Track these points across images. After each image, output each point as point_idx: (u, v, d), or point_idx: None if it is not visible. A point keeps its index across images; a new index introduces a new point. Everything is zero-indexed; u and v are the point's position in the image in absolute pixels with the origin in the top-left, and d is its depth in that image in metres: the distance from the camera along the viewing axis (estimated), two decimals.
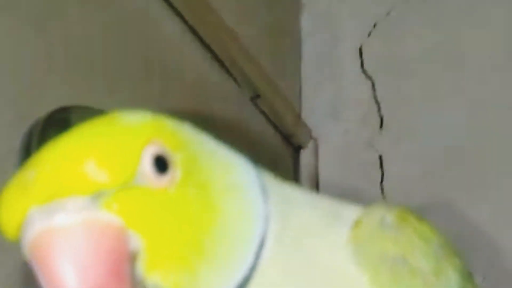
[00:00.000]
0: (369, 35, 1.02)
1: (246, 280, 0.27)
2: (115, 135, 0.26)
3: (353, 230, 0.30)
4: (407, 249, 0.30)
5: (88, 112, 0.57)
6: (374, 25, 1.02)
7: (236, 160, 0.29)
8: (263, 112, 0.96)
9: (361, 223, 0.30)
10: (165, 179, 0.26)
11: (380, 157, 0.98)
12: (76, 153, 0.25)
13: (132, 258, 0.25)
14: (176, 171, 0.26)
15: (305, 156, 1.03)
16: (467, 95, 0.95)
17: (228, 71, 0.90)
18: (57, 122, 0.54)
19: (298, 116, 1.03)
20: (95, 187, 0.25)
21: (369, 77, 1.01)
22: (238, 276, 0.27)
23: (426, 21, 0.99)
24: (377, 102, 0.99)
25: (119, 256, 0.25)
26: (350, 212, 0.31)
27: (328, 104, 1.03)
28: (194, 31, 0.84)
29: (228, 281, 0.27)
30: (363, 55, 1.01)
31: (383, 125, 0.99)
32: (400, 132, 0.98)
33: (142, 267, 0.25)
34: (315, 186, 1.01)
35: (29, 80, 0.63)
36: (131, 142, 0.26)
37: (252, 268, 0.27)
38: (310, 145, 1.02)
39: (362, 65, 1.01)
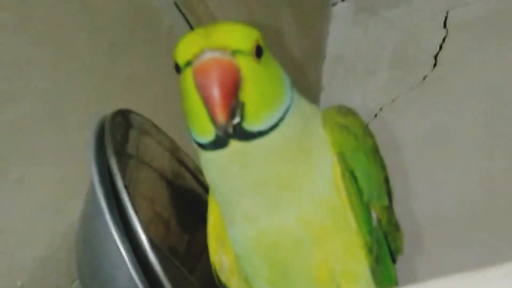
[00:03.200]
0: (375, 116, 1.20)
1: (274, 126, 0.48)
2: (247, 28, 0.48)
3: (323, 112, 0.52)
4: (348, 122, 0.51)
5: (138, 115, 0.75)
6: (381, 109, 1.20)
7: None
8: None
9: (328, 109, 0.52)
10: (259, 59, 0.48)
11: None
12: (233, 28, 0.48)
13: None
14: (263, 56, 0.48)
15: None
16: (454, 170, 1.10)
17: None
18: (120, 120, 0.72)
19: None
20: (237, 47, 0.46)
21: None
22: (274, 118, 0.48)
23: (422, 109, 1.17)
24: None
25: (237, 82, 0.46)
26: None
27: None
28: None
29: (270, 118, 0.48)
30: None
31: None
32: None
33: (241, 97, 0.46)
34: None
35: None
36: (253, 32, 0.48)
37: (280, 120, 0.48)
38: None
39: None
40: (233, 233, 0.52)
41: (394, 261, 0.54)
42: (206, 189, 0.83)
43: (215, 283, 0.61)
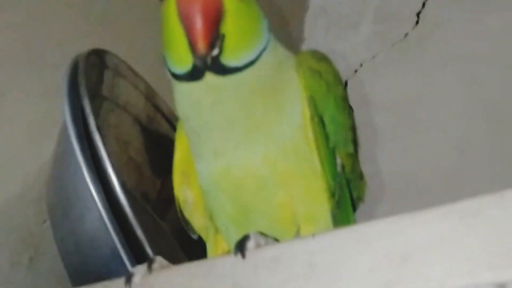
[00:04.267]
0: (355, 72, 1.20)
1: (250, 64, 0.48)
2: None
3: (297, 56, 0.52)
4: (321, 67, 0.51)
5: (113, 55, 0.73)
6: (361, 65, 1.20)
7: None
8: None
9: (302, 53, 0.53)
10: None
11: None
12: None
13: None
14: None
15: None
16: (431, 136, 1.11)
17: None
18: (95, 59, 0.71)
19: None
20: None
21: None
22: (251, 55, 0.48)
23: (402, 68, 1.17)
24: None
25: (220, 14, 0.46)
26: None
27: None
28: None
29: (247, 55, 0.48)
30: (347, 88, 1.18)
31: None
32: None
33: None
34: None
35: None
36: None
37: (256, 58, 0.48)
38: None
39: None
40: (200, 167, 0.53)
41: (354, 208, 0.55)
42: None
43: (184, 229, 0.61)
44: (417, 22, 1.19)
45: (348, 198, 0.53)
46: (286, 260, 0.39)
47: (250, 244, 0.41)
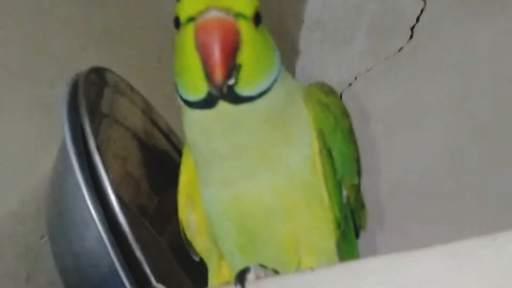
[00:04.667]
0: (350, 85, 1.21)
1: (262, 93, 0.49)
2: None
3: (306, 88, 0.53)
4: (330, 101, 0.53)
5: (113, 73, 0.74)
6: (355, 78, 1.21)
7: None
8: None
9: (310, 85, 0.54)
10: (257, 26, 0.49)
11: None
12: None
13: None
14: (261, 25, 0.49)
15: None
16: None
17: None
18: (95, 77, 0.72)
19: None
20: (241, 10, 0.47)
21: None
22: (264, 85, 0.49)
23: (396, 81, 1.19)
24: None
25: (237, 44, 0.47)
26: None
27: None
28: None
29: (261, 84, 0.49)
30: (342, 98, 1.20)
31: None
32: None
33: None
34: None
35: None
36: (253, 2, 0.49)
37: (268, 88, 0.49)
38: None
39: None
40: (207, 194, 0.53)
41: (357, 236, 0.56)
42: (178, 150, 0.84)
43: (183, 245, 0.62)
44: (411, 37, 1.21)
45: (352, 228, 0.54)
46: None
47: (250, 276, 0.42)
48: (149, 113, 0.82)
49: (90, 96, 0.72)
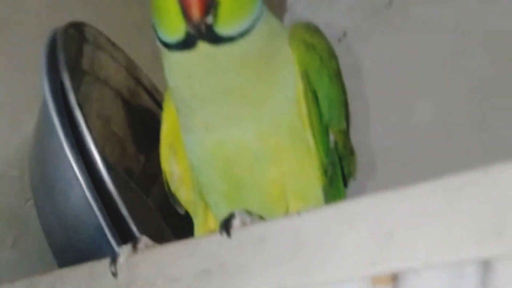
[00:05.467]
0: (339, 41, 1.19)
1: (243, 33, 0.47)
2: None
3: (290, 28, 0.51)
4: (315, 41, 0.50)
5: (92, 28, 0.72)
6: (344, 34, 1.19)
7: None
8: None
9: (295, 25, 0.51)
10: None
11: None
12: None
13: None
14: None
15: None
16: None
17: None
18: (73, 32, 0.69)
19: None
20: None
21: None
22: (245, 25, 0.47)
23: (385, 37, 1.16)
24: None
25: None
26: None
27: None
28: None
29: (241, 24, 0.47)
30: None
31: None
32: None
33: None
34: None
35: None
36: None
37: (250, 28, 0.47)
38: None
39: None
40: (190, 141, 0.52)
41: (345, 184, 0.54)
42: (162, 108, 0.82)
43: (170, 205, 0.61)
44: None
45: (340, 175, 0.53)
46: (272, 238, 0.39)
47: (236, 223, 0.41)
48: (132, 70, 0.79)
49: (70, 51, 0.69)
